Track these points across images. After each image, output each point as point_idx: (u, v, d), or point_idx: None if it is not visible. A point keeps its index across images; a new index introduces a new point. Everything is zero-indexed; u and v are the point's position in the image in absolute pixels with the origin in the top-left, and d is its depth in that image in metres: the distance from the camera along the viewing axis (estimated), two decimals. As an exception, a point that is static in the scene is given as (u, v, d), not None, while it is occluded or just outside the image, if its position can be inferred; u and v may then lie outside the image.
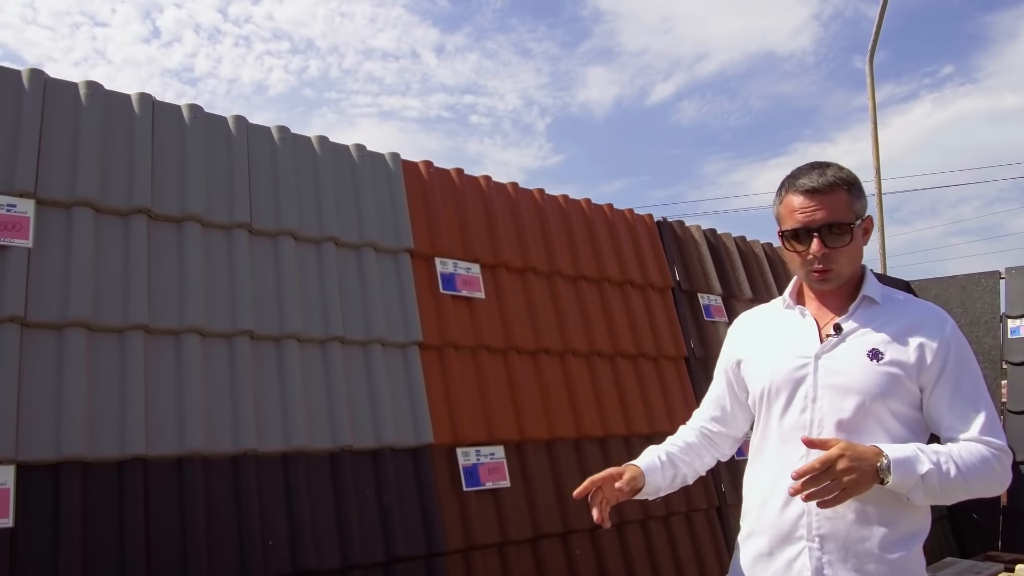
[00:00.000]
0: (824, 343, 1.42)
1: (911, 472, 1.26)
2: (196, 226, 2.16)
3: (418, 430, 2.35)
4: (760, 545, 1.46)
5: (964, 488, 1.30)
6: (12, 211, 1.89)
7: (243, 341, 2.13)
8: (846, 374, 1.37)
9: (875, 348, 1.37)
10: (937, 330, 1.36)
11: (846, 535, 1.35)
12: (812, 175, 1.40)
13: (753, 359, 1.54)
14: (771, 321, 1.56)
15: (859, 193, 1.42)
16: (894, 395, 1.35)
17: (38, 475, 1.75)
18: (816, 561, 1.36)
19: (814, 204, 1.38)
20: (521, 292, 2.86)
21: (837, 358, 1.40)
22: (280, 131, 2.46)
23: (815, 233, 1.38)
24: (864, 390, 1.35)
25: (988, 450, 1.31)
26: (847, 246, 1.38)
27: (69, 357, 1.85)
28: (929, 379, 1.35)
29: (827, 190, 1.38)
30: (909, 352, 1.35)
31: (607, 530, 2.71)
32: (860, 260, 1.44)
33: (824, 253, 1.38)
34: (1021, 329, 4.93)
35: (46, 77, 2.07)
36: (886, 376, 1.35)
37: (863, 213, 1.42)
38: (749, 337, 1.59)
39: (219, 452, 1.99)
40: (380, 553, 2.15)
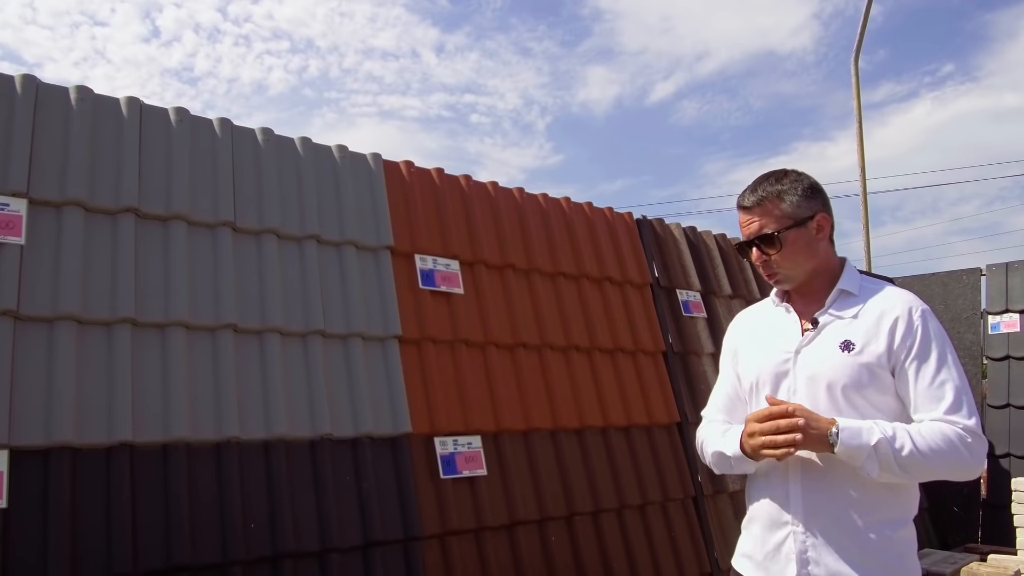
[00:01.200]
0: (803, 337, 1.50)
1: (861, 442, 1.31)
2: (182, 224, 2.26)
3: (396, 420, 2.45)
4: (754, 530, 1.55)
5: (923, 466, 1.32)
6: (5, 210, 1.99)
7: (226, 334, 2.22)
8: (820, 366, 1.45)
9: (847, 340, 1.44)
10: (905, 316, 1.42)
11: (830, 516, 1.41)
12: (746, 193, 1.54)
13: (745, 353, 1.63)
14: (762, 318, 1.64)
15: (799, 198, 1.50)
16: (868, 384, 1.41)
17: (29, 460, 1.85)
18: (800, 544, 1.43)
19: (748, 218, 1.52)
20: (499, 288, 2.96)
21: (813, 351, 1.47)
22: (264, 132, 2.55)
23: (752, 245, 1.51)
24: (836, 381, 1.42)
25: (952, 429, 1.34)
26: (782, 251, 1.48)
27: (60, 348, 1.95)
28: (898, 361, 1.40)
29: (756, 205, 1.51)
30: (880, 340, 1.41)
31: (582, 519, 2.81)
32: (812, 258, 1.51)
33: (763, 260, 1.51)
34: (1001, 325, 5.02)
35: (38, 82, 2.17)
36: (857, 366, 1.41)
37: (807, 215, 1.49)
38: (743, 333, 1.68)
39: (203, 439, 2.08)
40: (358, 537, 2.24)
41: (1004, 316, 5.01)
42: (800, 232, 1.49)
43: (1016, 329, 4.93)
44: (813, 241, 1.50)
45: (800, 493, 1.44)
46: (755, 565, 1.53)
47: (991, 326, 5.05)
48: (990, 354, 5.01)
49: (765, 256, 1.51)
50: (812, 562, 1.42)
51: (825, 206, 1.53)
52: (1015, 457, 4.74)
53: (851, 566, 1.38)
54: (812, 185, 1.53)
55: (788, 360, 1.50)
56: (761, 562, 1.51)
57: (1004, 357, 4.93)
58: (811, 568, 1.42)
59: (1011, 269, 5.09)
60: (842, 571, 1.39)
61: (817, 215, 1.51)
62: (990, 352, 5.01)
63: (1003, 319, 5.01)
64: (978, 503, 4.93)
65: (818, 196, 1.53)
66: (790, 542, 1.45)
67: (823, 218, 1.52)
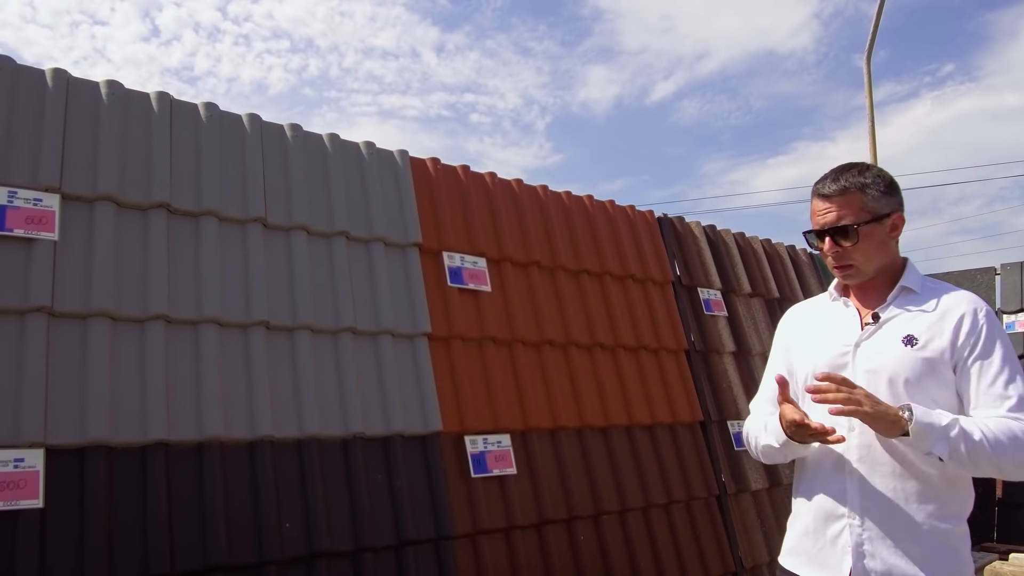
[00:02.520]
0: (864, 331, 1.49)
1: (933, 420, 1.30)
2: (213, 220, 2.24)
3: (426, 418, 2.43)
4: (806, 523, 1.53)
5: (990, 457, 1.31)
6: (38, 205, 1.97)
7: (258, 331, 2.20)
8: (882, 359, 1.44)
9: (910, 334, 1.43)
10: (971, 314, 1.41)
11: (887, 510, 1.40)
12: (827, 181, 1.51)
13: (799, 348, 1.61)
14: (818, 313, 1.63)
15: (880, 194, 1.48)
16: (929, 379, 1.40)
17: (65, 458, 1.82)
18: (857, 537, 1.42)
19: (826, 207, 1.50)
20: (525, 286, 2.94)
21: (874, 345, 1.47)
22: (292, 129, 2.53)
23: (827, 234, 1.49)
24: (898, 374, 1.41)
25: (1020, 426, 1.33)
26: (856, 244, 1.47)
27: (93, 346, 1.93)
28: (961, 358, 1.40)
29: (837, 195, 1.48)
30: (943, 337, 1.41)
31: (609, 517, 2.80)
32: (883, 255, 1.50)
33: (836, 251, 1.49)
34: (1016, 324, 5.01)
35: (68, 76, 2.14)
36: (920, 361, 1.41)
37: (885, 211, 1.48)
38: (798, 327, 1.66)
39: (236, 438, 2.06)
40: (391, 536, 2.22)
41: (1020, 315, 5.00)
42: (877, 228, 1.48)
43: (1031, 328, 4.93)
44: (887, 239, 1.50)
45: (857, 485, 1.43)
46: (808, 559, 1.52)
47: (1006, 325, 5.04)
48: (1005, 353, 5.00)
49: (838, 248, 1.49)
50: (868, 555, 1.41)
51: (902, 206, 1.53)
52: (1030, 456, 4.74)
53: (907, 559, 1.38)
54: (893, 183, 1.52)
55: (847, 353, 1.49)
56: (815, 556, 1.50)
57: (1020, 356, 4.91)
58: (867, 561, 1.41)
59: (1025, 268, 5.08)
60: (898, 564, 1.38)
61: (894, 213, 1.51)
62: (1005, 351, 5.00)
63: (1018, 318, 5.00)
64: (994, 502, 4.92)
65: (897, 194, 1.52)
66: (846, 534, 1.44)
67: (899, 217, 1.51)
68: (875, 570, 1.40)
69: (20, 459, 1.74)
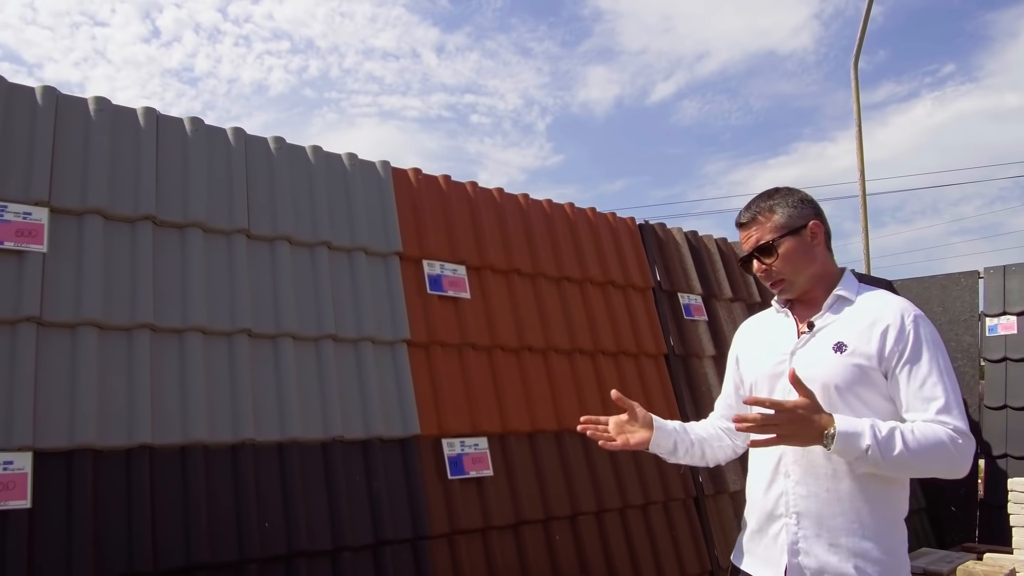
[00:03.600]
0: (799, 339, 1.57)
1: (854, 446, 1.36)
2: (198, 232, 2.32)
3: (405, 422, 2.51)
4: (753, 523, 1.62)
5: (910, 464, 1.37)
6: (28, 219, 2.05)
7: (242, 339, 2.29)
8: (814, 366, 1.50)
9: (840, 341, 1.49)
10: (898, 321, 1.47)
11: (819, 512, 1.47)
12: (742, 212, 1.64)
13: (746, 357, 1.71)
14: (764, 323, 1.72)
15: (791, 209, 1.58)
16: (859, 384, 1.46)
17: (53, 461, 1.91)
18: (792, 536, 1.50)
19: (746, 234, 1.62)
20: (505, 292, 3.02)
21: (808, 352, 1.54)
22: (276, 141, 2.61)
23: (752, 257, 1.60)
24: (829, 380, 1.47)
25: (944, 430, 1.38)
26: (779, 258, 1.56)
27: (81, 354, 2.01)
28: (890, 365, 1.46)
29: (751, 221, 1.61)
30: (872, 343, 1.46)
31: (586, 518, 2.88)
32: (809, 264, 1.57)
33: (764, 270, 1.60)
34: (998, 327, 5.08)
35: (58, 94, 2.23)
36: (849, 367, 1.47)
37: (799, 223, 1.57)
38: (746, 338, 1.76)
39: (219, 441, 2.14)
40: (369, 536, 2.30)
41: (1002, 318, 5.07)
42: (795, 240, 1.56)
43: (1013, 331, 4.99)
44: (809, 248, 1.57)
45: (794, 487, 1.51)
46: (754, 557, 1.60)
47: (989, 328, 5.11)
48: (987, 356, 5.06)
49: (765, 266, 1.59)
50: (803, 552, 1.48)
51: (818, 215, 1.60)
52: (1012, 458, 4.80)
53: (840, 556, 1.44)
54: (803, 197, 1.61)
55: (784, 361, 1.57)
56: (760, 553, 1.58)
57: (1001, 359, 4.99)
58: (802, 558, 1.48)
59: (1009, 272, 5.15)
60: (831, 561, 1.45)
61: (810, 223, 1.58)
62: (987, 354, 5.06)
63: (1000, 321, 5.07)
64: (975, 503, 4.99)
65: (809, 205, 1.60)
66: (783, 534, 1.52)
67: (816, 225, 1.58)
68: (809, 567, 1.48)
69: (9, 462, 1.83)
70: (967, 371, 5.26)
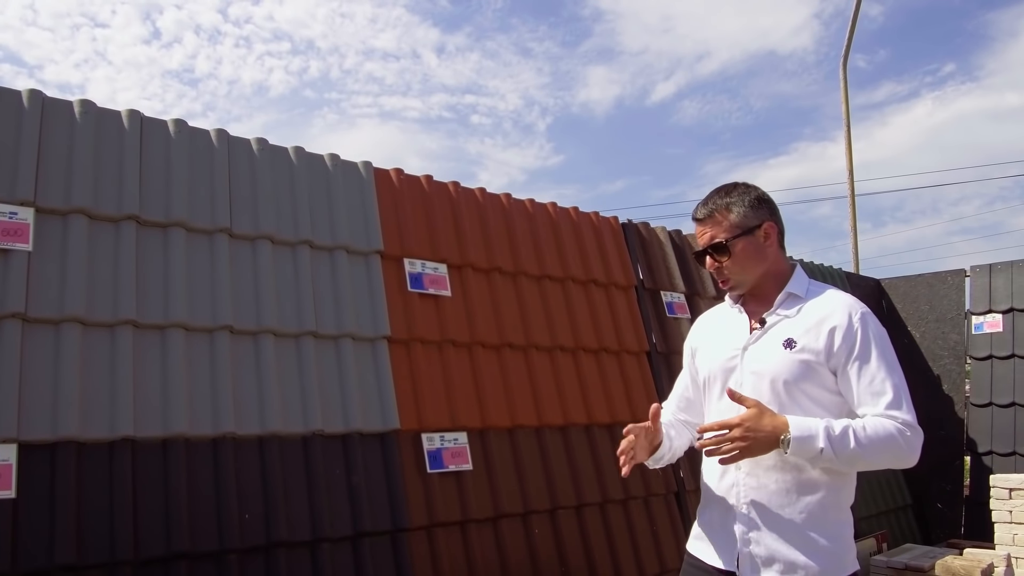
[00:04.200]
0: (751, 335, 1.62)
1: (810, 448, 1.43)
2: (181, 231, 2.38)
3: (385, 417, 2.57)
4: (707, 513, 1.67)
5: (863, 459, 1.44)
6: (14, 218, 2.11)
7: (223, 335, 2.34)
8: (764, 362, 1.56)
9: (789, 338, 1.55)
10: (845, 318, 1.52)
11: (769, 502, 1.52)
12: (698, 208, 1.67)
13: (701, 351, 1.75)
14: (719, 318, 1.77)
15: (746, 208, 1.62)
16: (807, 379, 1.52)
17: (37, 453, 1.96)
18: (744, 525, 1.55)
19: (701, 230, 1.66)
20: (486, 290, 3.07)
21: (759, 348, 1.59)
22: (259, 143, 2.67)
23: (706, 253, 1.64)
24: (778, 376, 1.53)
25: (893, 424, 1.44)
26: (732, 257, 1.61)
27: (65, 349, 2.07)
28: (839, 362, 1.51)
29: (707, 217, 1.64)
30: (820, 340, 1.52)
31: (566, 512, 2.93)
32: (761, 263, 1.62)
33: (716, 267, 1.64)
34: (984, 325, 5.12)
35: (43, 96, 2.29)
36: (798, 363, 1.52)
37: (754, 224, 1.61)
38: (702, 333, 1.80)
39: (200, 435, 2.20)
40: (348, 528, 2.36)
41: (987, 316, 5.12)
42: (749, 240, 1.61)
43: (999, 329, 5.03)
44: (761, 248, 1.62)
45: (745, 479, 1.56)
46: (707, 545, 1.65)
47: (975, 326, 5.16)
48: (973, 354, 5.11)
49: (717, 263, 1.63)
50: (754, 542, 1.54)
51: (773, 215, 1.64)
52: (997, 455, 4.84)
53: (789, 545, 1.50)
54: (759, 196, 1.64)
55: (736, 356, 1.62)
56: (714, 542, 1.63)
57: (987, 357, 5.04)
58: (752, 547, 1.54)
59: (994, 271, 5.19)
60: (780, 550, 1.50)
61: (764, 223, 1.62)
62: (974, 352, 5.11)
63: (986, 319, 5.12)
64: (961, 500, 5.04)
65: (765, 206, 1.64)
66: (736, 524, 1.57)
67: (770, 226, 1.63)
68: (759, 555, 1.53)
69: (-6, 454, 1.89)
70: (953, 369, 5.30)
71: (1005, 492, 4.06)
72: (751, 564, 1.54)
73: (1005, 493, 4.07)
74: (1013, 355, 4.93)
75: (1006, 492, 4.06)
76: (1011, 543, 4.02)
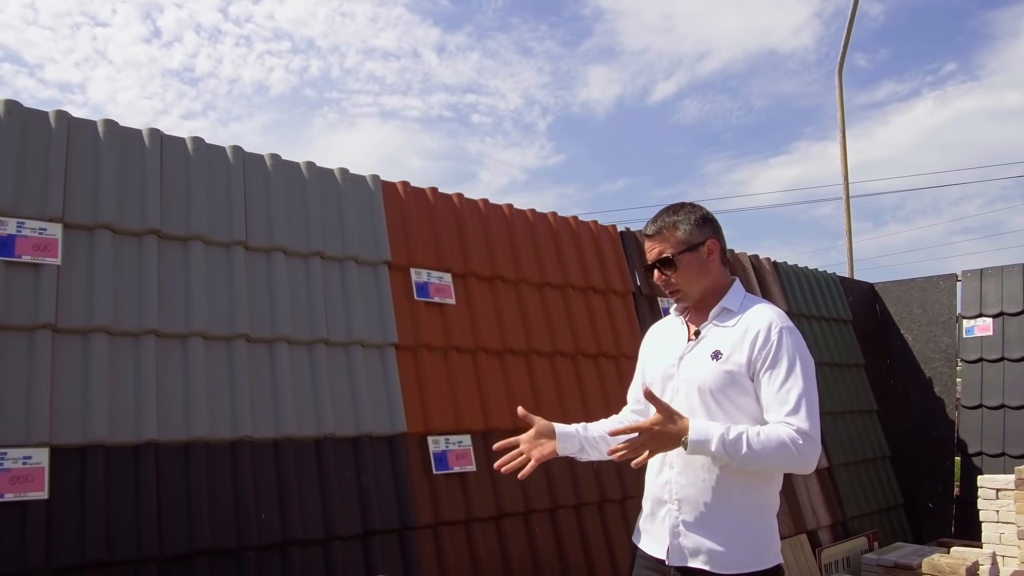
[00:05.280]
0: (687, 346, 1.76)
1: (705, 450, 1.57)
2: (199, 244, 2.51)
3: (393, 420, 2.69)
4: (647, 507, 1.81)
5: (756, 462, 1.55)
6: (43, 234, 2.24)
7: (240, 343, 2.47)
8: (696, 372, 1.70)
9: (717, 350, 1.69)
10: (764, 330, 1.65)
11: (697, 498, 1.66)
12: (648, 225, 1.80)
13: (648, 359, 1.89)
14: (666, 328, 1.90)
15: (692, 226, 1.74)
16: (732, 388, 1.65)
17: (67, 456, 2.09)
18: (674, 519, 1.69)
19: (650, 245, 1.80)
20: (489, 298, 3.20)
21: (693, 358, 1.73)
22: (272, 158, 2.80)
23: (654, 268, 1.78)
24: (706, 385, 1.67)
25: (788, 431, 1.55)
26: (678, 272, 1.74)
27: (93, 357, 2.19)
28: (755, 370, 1.65)
29: (656, 234, 1.78)
30: (743, 351, 1.66)
31: (565, 511, 3.05)
32: (704, 278, 1.75)
33: (663, 280, 1.78)
34: (975, 329, 5.24)
35: (70, 117, 2.41)
36: (723, 373, 1.66)
37: (699, 240, 1.74)
38: (651, 340, 1.94)
39: (219, 438, 2.33)
40: (358, 526, 2.48)
41: (978, 320, 5.23)
42: (693, 255, 1.74)
43: (989, 333, 5.15)
44: (705, 263, 1.75)
45: (676, 476, 1.70)
46: (647, 536, 1.79)
47: (966, 330, 5.27)
48: (964, 357, 5.23)
49: (665, 277, 1.76)
50: (682, 534, 1.68)
51: (716, 233, 1.78)
52: (987, 456, 4.97)
53: (714, 537, 1.64)
54: (704, 215, 1.78)
55: (674, 365, 1.76)
56: (652, 533, 1.77)
57: (978, 360, 5.16)
58: (681, 539, 1.68)
59: (985, 275, 5.31)
60: (705, 542, 1.64)
61: (708, 241, 1.75)
62: (964, 355, 5.23)
63: (977, 323, 5.24)
64: (952, 500, 5.16)
65: (709, 224, 1.78)
66: (667, 517, 1.71)
67: (713, 243, 1.76)
68: (687, 547, 1.67)
69: (28, 456, 2.01)
70: (945, 371, 5.42)
71: (992, 492, 4.19)
72: (680, 554, 1.67)
73: (992, 493, 4.19)
74: (1003, 358, 5.04)
75: (993, 492, 4.18)
76: (998, 542, 4.14)
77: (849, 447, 4.76)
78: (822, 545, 4.13)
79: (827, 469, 4.48)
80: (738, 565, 1.61)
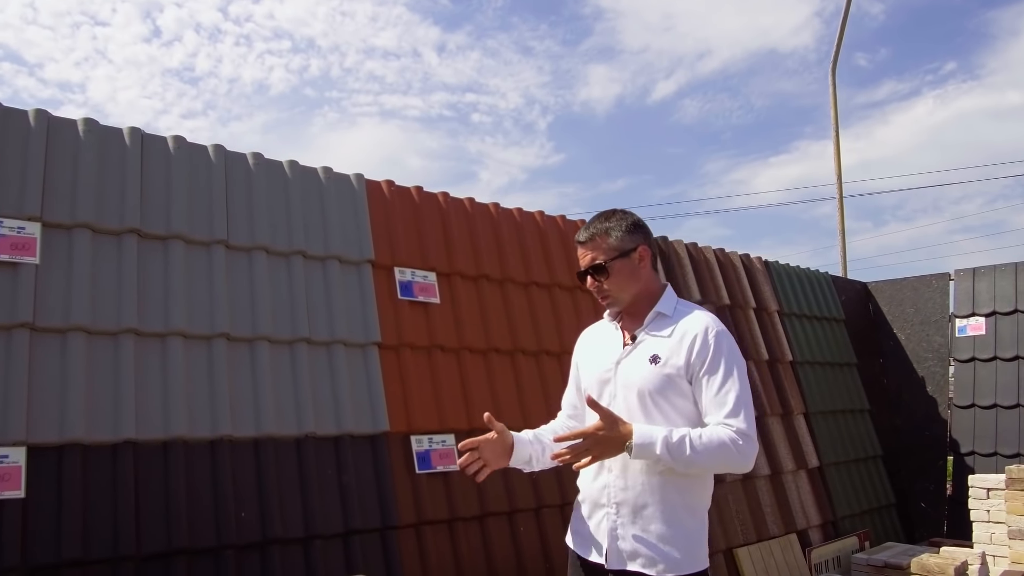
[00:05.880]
0: (624, 351, 1.75)
1: (649, 453, 1.58)
2: (180, 243, 2.50)
3: (375, 419, 2.69)
4: (583, 509, 1.81)
5: (699, 463, 1.58)
6: (21, 233, 2.23)
7: (220, 342, 2.46)
8: (634, 376, 1.70)
9: (655, 354, 1.69)
10: (701, 334, 1.67)
11: (634, 502, 1.67)
12: (581, 231, 1.80)
13: (583, 364, 1.89)
14: (600, 333, 1.90)
15: (623, 233, 1.74)
16: (669, 391, 1.67)
17: (44, 455, 2.09)
18: (611, 523, 1.70)
19: (583, 252, 1.79)
20: (474, 297, 3.19)
21: (630, 362, 1.73)
22: (255, 157, 2.79)
23: (586, 274, 1.78)
24: (644, 388, 1.68)
25: (728, 432, 1.59)
26: (610, 278, 1.74)
27: (71, 356, 2.19)
28: (694, 373, 1.66)
29: (588, 241, 1.77)
30: (680, 355, 1.67)
31: (550, 510, 3.05)
32: (635, 283, 1.75)
33: (595, 286, 1.78)
34: (968, 328, 5.23)
35: (49, 116, 2.41)
36: (662, 376, 1.67)
37: (630, 247, 1.74)
38: (585, 346, 1.94)
39: (199, 437, 2.32)
40: (339, 526, 2.48)
41: (971, 320, 5.23)
42: (624, 262, 1.74)
43: (982, 332, 5.14)
44: (636, 269, 1.75)
45: (614, 480, 1.70)
46: (583, 539, 1.79)
47: (958, 329, 5.27)
48: (957, 356, 5.22)
49: (597, 282, 1.76)
50: (620, 537, 1.68)
51: (646, 239, 1.78)
52: (979, 455, 4.96)
53: (650, 540, 1.65)
54: (635, 222, 1.78)
55: (610, 370, 1.76)
56: (588, 536, 1.77)
57: (970, 359, 5.15)
58: (619, 543, 1.68)
59: (978, 274, 5.30)
60: (640, 545, 1.66)
61: (639, 247, 1.75)
62: (957, 354, 5.22)
63: (970, 322, 5.23)
64: (944, 499, 5.15)
65: (640, 231, 1.78)
66: (605, 521, 1.72)
67: (644, 250, 1.76)
68: (625, 550, 1.67)
69: (4, 456, 2.01)
70: (937, 370, 5.41)
71: (983, 492, 4.18)
72: (618, 558, 1.67)
73: (983, 493, 4.18)
74: (995, 358, 5.04)
75: (984, 492, 4.17)
76: (988, 541, 4.14)
77: (841, 446, 4.76)
78: (812, 545, 4.12)
79: (818, 468, 4.47)
80: (675, 567, 1.63)
